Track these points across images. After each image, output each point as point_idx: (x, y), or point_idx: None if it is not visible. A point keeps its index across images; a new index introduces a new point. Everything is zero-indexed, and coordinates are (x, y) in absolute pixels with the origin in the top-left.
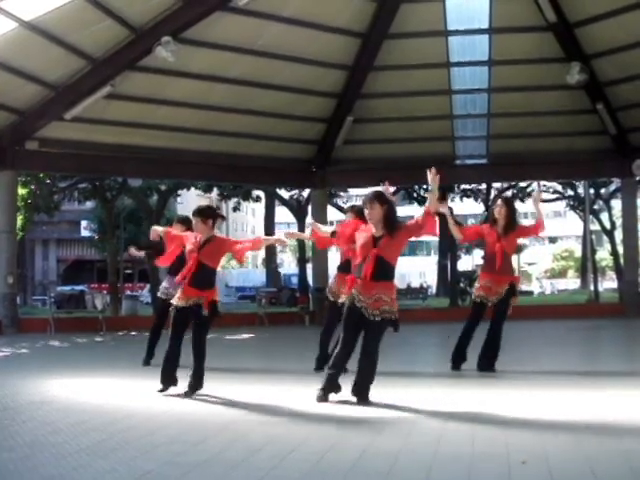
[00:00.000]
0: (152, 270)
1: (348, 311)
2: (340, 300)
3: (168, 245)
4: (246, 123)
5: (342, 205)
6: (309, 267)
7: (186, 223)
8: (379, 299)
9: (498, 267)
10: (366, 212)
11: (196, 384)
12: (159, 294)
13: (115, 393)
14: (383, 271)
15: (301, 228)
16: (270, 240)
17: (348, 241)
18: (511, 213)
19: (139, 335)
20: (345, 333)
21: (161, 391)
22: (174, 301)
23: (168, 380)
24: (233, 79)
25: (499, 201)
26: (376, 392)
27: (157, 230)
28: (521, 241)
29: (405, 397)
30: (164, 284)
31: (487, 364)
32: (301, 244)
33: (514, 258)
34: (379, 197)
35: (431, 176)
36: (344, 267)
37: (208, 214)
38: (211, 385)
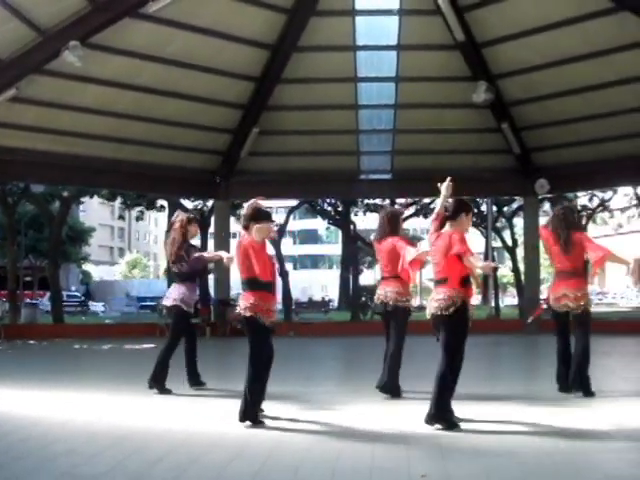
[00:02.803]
0: (52, 278)
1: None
2: None
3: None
4: (151, 131)
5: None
6: (211, 278)
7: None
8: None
9: None
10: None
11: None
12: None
13: (14, 403)
14: None
15: (204, 239)
16: None
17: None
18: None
19: (38, 344)
20: None
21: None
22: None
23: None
24: (140, 86)
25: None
26: (274, 409)
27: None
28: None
29: (305, 414)
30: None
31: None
32: None
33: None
34: None
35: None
36: None
37: None
38: (111, 396)
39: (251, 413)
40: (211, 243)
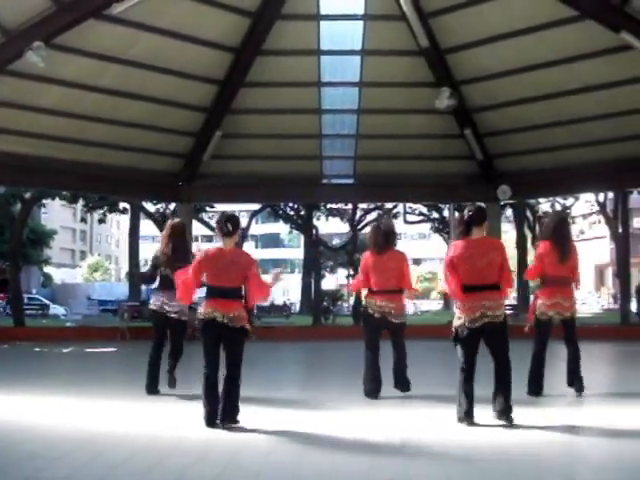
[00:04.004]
0: (13, 281)
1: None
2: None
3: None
4: (113, 133)
5: (208, 220)
6: None
7: None
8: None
9: None
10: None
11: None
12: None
13: None
14: None
15: None
16: None
17: None
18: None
19: None
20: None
21: None
22: None
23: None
24: (103, 88)
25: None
26: (243, 413)
27: None
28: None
29: (268, 418)
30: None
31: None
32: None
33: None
34: None
35: None
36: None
37: None
38: (73, 399)
39: (236, 414)
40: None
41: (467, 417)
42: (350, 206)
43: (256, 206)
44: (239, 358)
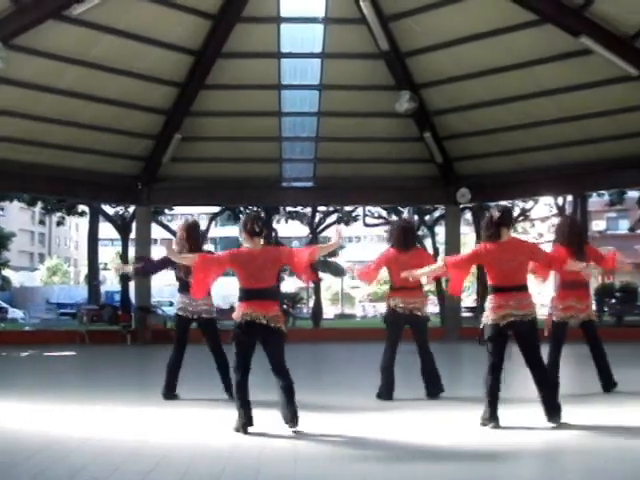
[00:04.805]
0: None
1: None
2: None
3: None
4: (72, 135)
5: (167, 223)
6: (132, 285)
7: None
8: None
9: None
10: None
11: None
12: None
13: None
14: None
15: (125, 245)
16: None
17: None
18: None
19: None
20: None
21: None
22: None
23: None
24: (62, 90)
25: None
26: (198, 416)
27: None
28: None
29: (225, 421)
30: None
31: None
32: (124, 260)
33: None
34: None
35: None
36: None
37: None
38: (33, 403)
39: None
40: (132, 250)
41: (492, 419)
42: (309, 209)
43: (216, 209)
44: (284, 360)
